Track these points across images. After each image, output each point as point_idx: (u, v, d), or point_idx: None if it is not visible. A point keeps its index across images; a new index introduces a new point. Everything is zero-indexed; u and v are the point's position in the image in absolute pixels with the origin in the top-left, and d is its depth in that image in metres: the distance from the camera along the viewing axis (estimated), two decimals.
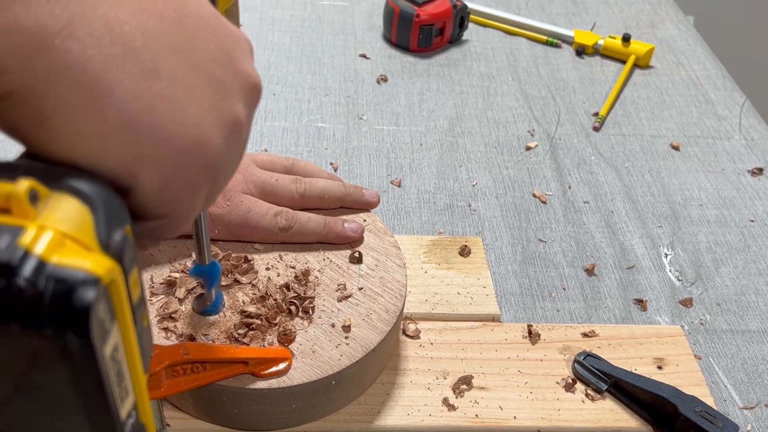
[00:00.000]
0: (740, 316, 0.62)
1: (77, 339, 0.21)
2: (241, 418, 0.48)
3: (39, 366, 0.22)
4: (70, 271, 0.21)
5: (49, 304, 0.21)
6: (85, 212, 0.24)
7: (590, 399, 0.52)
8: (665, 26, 1.04)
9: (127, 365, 0.25)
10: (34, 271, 0.21)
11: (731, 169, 0.78)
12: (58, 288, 0.21)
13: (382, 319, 0.50)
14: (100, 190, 0.25)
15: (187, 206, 0.29)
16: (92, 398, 0.23)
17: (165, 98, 0.27)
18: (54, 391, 0.23)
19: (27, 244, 0.21)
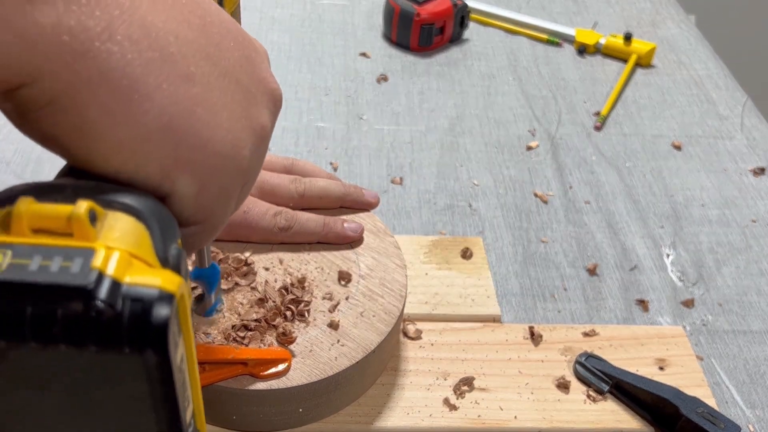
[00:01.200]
0: (742, 316, 0.61)
1: (156, 355, 0.22)
2: (241, 419, 0.48)
3: (113, 383, 0.23)
4: (145, 290, 0.22)
5: (128, 323, 0.21)
6: (141, 229, 0.24)
7: (591, 400, 0.52)
8: (666, 25, 1.03)
9: (189, 374, 0.25)
10: (110, 292, 0.21)
11: (733, 168, 0.78)
12: (135, 307, 0.21)
13: (382, 319, 0.50)
14: (151, 205, 0.25)
15: (222, 211, 0.30)
16: (163, 410, 0.24)
17: (201, 103, 0.27)
18: (126, 406, 0.23)
19: (99, 266, 0.21)
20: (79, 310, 0.21)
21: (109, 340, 0.21)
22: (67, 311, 0.21)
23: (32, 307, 0.21)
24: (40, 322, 0.21)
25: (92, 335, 0.21)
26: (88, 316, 0.21)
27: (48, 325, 0.21)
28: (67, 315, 0.21)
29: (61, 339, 0.21)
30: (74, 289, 0.21)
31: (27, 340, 0.21)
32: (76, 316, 0.21)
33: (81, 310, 0.21)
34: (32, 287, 0.21)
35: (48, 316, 0.21)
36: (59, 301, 0.21)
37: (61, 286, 0.21)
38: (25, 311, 0.21)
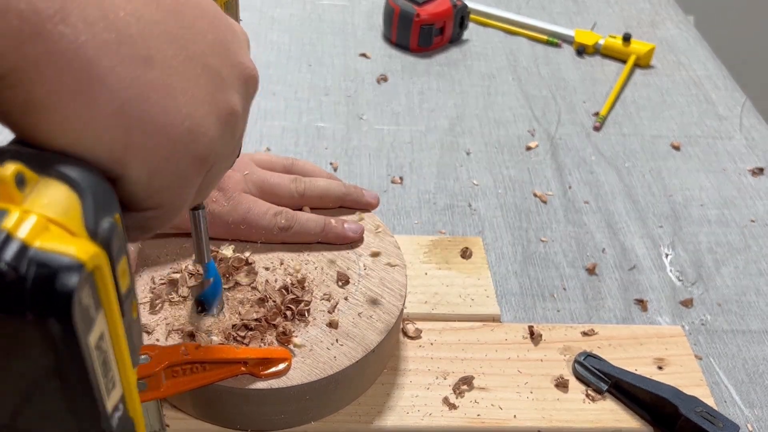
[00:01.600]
0: (741, 316, 0.62)
1: (59, 325, 0.21)
2: (241, 418, 0.48)
3: (21, 354, 0.22)
4: (54, 256, 0.21)
5: (31, 288, 0.21)
6: (73, 198, 0.24)
7: (590, 399, 0.52)
8: (666, 26, 1.03)
9: (114, 356, 0.24)
10: (16, 255, 0.21)
11: (732, 169, 0.78)
12: (40, 272, 0.21)
13: (382, 319, 0.50)
14: (90, 176, 0.25)
15: (178, 197, 0.29)
16: (76, 388, 0.23)
17: (158, 87, 0.26)
18: (37, 380, 0.23)
19: (9, 227, 0.21)
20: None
21: (10, 304, 0.21)
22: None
23: None
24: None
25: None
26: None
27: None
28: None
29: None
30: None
31: None
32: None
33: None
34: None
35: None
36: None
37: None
38: None
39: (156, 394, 0.43)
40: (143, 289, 0.51)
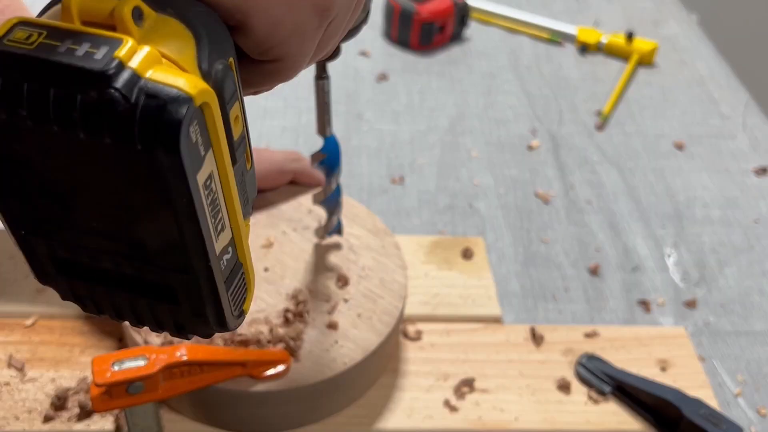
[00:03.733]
0: (744, 317, 0.61)
1: (167, 157, 0.21)
2: (239, 420, 0.47)
3: (132, 184, 0.22)
4: (163, 87, 0.21)
5: (140, 118, 0.21)
6: (188, 37, 0.24)
7: (593, 401, 0.52)
8: (668, 24, 1.03)
9: (224, 199, 0.25)
10: (127, 83, 0.21)
11: (735, 168, 0.77)
12: (149, 103, 0.21)
13: (382, 320, 0.49)
14: (207, 18, 0.25)
15: (299, 50, 0.29)
16: (184, 222, 0.23)
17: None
18: (148, 213, 0.23)
19: (122, 56, 0.21)
20: (95, 97, 0.21)
21: (121, 132, 0.21)
22: (84, 96, 0.21)
23: (54, 88, 0.21)
24: (61, 104, 0.21)
25: (107, 125, 0.21)
26: (103, 104, 0.21)
27: (68, 108, 0.21)
28: (85, 100, 0.21)
29: (80, 125, 0.21)
30: (92, 73, 0.21)
31: (50, 122, 0.21)
32: (93, 103, 0.21)
33: (96, 96, 0.21)
34: (55, 66, 0.21)
35: (68, 98, 0.21)
36: (78, 86, 0.21)
37: (80, 69, 0.21)
38: (49, 92, 0.21)
39: (154, 396, 0.43)
40: None
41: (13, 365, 0.50)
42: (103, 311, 0.28)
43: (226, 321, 0.27)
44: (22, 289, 0.55)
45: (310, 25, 0.29)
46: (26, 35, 0.21)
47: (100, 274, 0.26)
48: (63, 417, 0.48)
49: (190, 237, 0.24)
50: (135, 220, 0.24)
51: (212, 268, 0.25)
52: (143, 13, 0.23)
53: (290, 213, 0.57)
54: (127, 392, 0.42)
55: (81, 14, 0.22)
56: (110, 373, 0.41)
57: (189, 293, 0.26)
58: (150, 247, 0.25)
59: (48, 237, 0.26)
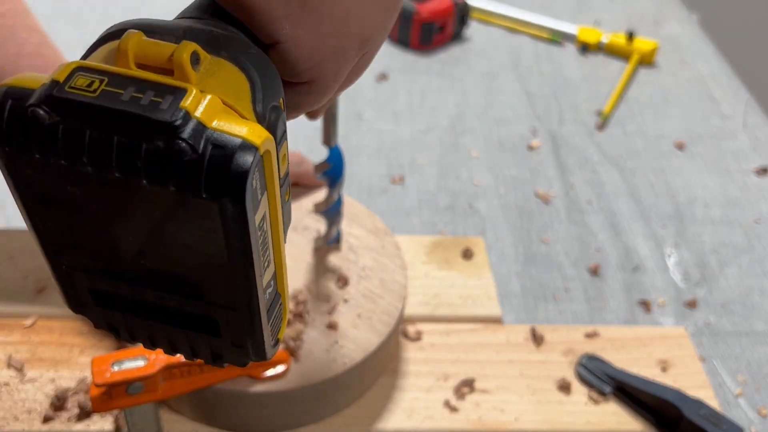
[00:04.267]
0: (745, 317, 0.61)
1: (232, 205, 0.22)
2: (239, 421, 0.47)
3: (193, 227, 0.23)
4: (229, 138, 0.21)
5: (207, 168, 0.21)
6: (243, 81, 0.24)
7: (593, 402, 0.52)
8: (669, 24, 1.03)
9: (272, 236, 0.25)
10: (194, 133, 0.21)
11: (736, 168, 0.77)
12: (216, 153, 0.21)
13: (382, 320, 0.49)
14: (259, 59, 0.25)
15: (333, 74, 0.29)
16: (239, 263, 0.24)
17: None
18: (201, 254, 0.24)
19: (188, 106, 0.21)
20: (162, 146, 0.21)
21: (187, 181, 0.21)
22: (150, 145, 0.21)
23: (119, 136, 0.21)
24: (124, 152, 0.21)
25: (172, 174, 0.21)
26: (169, 154, 0.21)
27: (132, 157, 0.21)
28: (150, 149, 0.21)
29: (143, 174, 0.21)
30: (159, 123, 0.21)
31: (112, 170, 0.21)
32: (159, 152, 0.21)
33: (163, 146, 0.21)
34: (120, 115, 0.21)
35: (132, 147, 0.21)
36: (144, 135, 0.21)
37: (147, 119, 0.21)
38: (112, 140, 0.21)
39: (153, 396, 0.43)
40: None
41: (13, 365, 0.50)
42: (137, 339, 0.28)
43: (265, 350, 0.27)
44: (21, 289, 0.55)
45: (349, 51, 0.29)
46: (88, 82, 0.21)
47: (140, 305, 0.27)
48: (62, 417, 0.48)
49: (242, 276, 0.24)
50: (186, 260, 0.24)
51: (258, 303, 0.25)
52: (200, 57, 0.23)
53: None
54: (127, 392, 0.42)
55: (137, 58, 0.22)
56: (110, 373, 0.41)
57: (232, 326, 0.26)
58: (198, 284, 0.25)
59: (90, 271, 0.26)
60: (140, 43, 0.22)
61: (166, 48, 0.22)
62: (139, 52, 0.22)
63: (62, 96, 0.21)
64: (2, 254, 0.58)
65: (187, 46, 0.22)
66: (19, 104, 0.21)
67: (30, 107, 0.21)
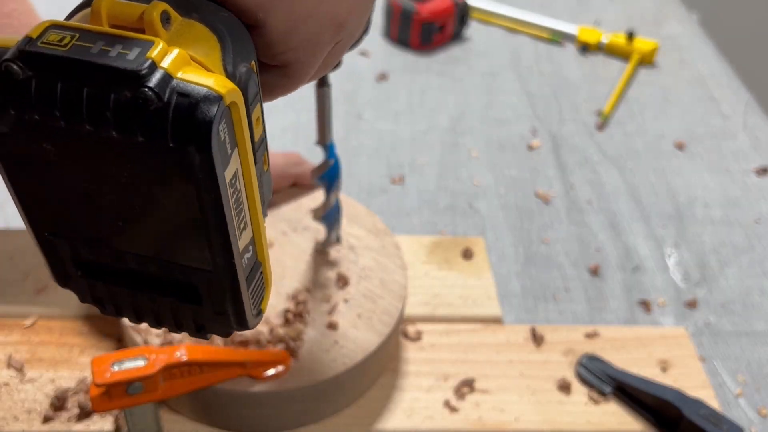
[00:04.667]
0: (745, 317, 0.61)
1: (198, 154, 0.22)
2: (239, 421, 0.47)
3: (162, 182, 0.23)
4: (194, 87, 0.22)
5: (173, 116, 0.21)
6: (213, 41, 0.24)
7: (593, 402, 0.52)
8: (669, 24, 1.03)
9: (246, 197, 0.25)
10: (160, 83, 0.21)
11: (736, 168, 0.77)
12: (181, 101, 0.21)
13: (382, 320, 0.49)
14: (230, 22, 0.25)
15: (308, 59, 0.30)
16: (211, 220, 0.24)
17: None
18: (176, 210, 0.24)
19: (154, 57, 0.22)
20: (129, 96, 0.21)
21: (154, 130, 0.22)
22: (118, 96, 0.21)
23: (88, 88, 0.22)
24: (94, 103, 0.22)
25: (140, 124, 0.22)
26: (136, 103, 0.21)
27: (101, 107, 0.22)
28: (118, 99, 0.21)
29: (113, 124, 0.22)
30: (126, 72, 0.21)
31: (82, 122, 0.22)
32: (126, 102, 0.21)
33: (130, 95, 0.21)
34: (89, 66, 0.21)
35: (101, 98, 0.22)
36: (112, 85, 0.21)
37: (114, 69, 0.21)
38: (82, 92, 0.22)
39: (153, 396, 0.43)
40: None
41: (13, 366, 0.50)
42: (122, 313, 0.29)
43: (246, 319, 0.27)
44: (21, 289, 0.55)
45: (324, 35, 0.29)
46: (59, 37, 0.22)
47: (123, 275, 0.27)
48: (62, 417, 0.48)
49: (216, 234, 0.24)
50: (162, 218, 0.24)
51: (235, 266, 0.25)
52: (170, 17, 0.24)
53: (290, 213, 0.57)
54: (127, 392, 0.42)
55: (110, 18, 0.23)
56: (110, 373, 0.41)
57: (212, 292, 0.26)
58: (175, 246, 0.25)
59: (72, 238, 0.26)
60: (112, 3, 0.23)
61: (138, 8, 0.23)
62: (110, 12, 0.23)
63: (34, 50, 0.22)
64: (2, 254, 0.58)
65: (157, 5, 0.23)
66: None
67: (4, 62, 0.22)
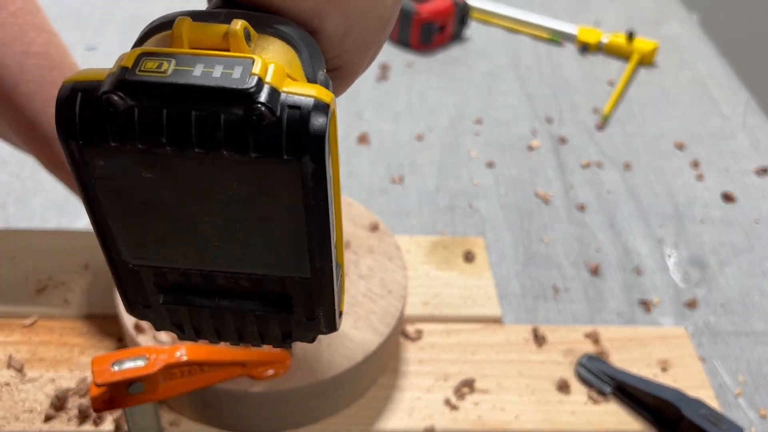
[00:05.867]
0: (745, 317, 0.61)
1: (313, 162, 0.22)
2: (239, 421, 0.47)
3: (267, 195, 0.23)
4: (301, 99, 0.22)
5: (287, 129, 0.22)
6: (291, 53, 0.25)
7: (593, 402, 0.52)
8: (669, 24, 1.03)
9: (334, 201, 0.25)
10: (270, 97, 0.21)
11: (736, 168, 0.77)
12: (293, 114, 0.22)
13: (382, 320, 0.49)
14: (301, 33, 0.26)
15: (359, 60, 0.30)
16: (316, 227, 0.24)
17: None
18: (279, 221, 0.24)
19: (259, 73, 0.22)
20: (241, 114, 0.21)
21: (268, 145, 0.22)
22: (229, 115, 0.21)
23: (196, 111, 0.21)
24: (203, 126, 0.21)
25: (253, 140, 0.22)
26: (249, 121, 0.21)
27: (211, 129, 0.21)
28: (230, 119, 0.21)
29: (224, 144, 0.22)
30: (236, 92, 0.21)
31: (191, 145, 0.22)
32: (238, 120, 0.21)
33: (242, 113, 0.21)
34: (196, 90, 0.21)
35: (211, 120, 0.21)
36: (222, 105, 0.21)
37: (223, 89, 0.21)
38: (190, 116, 0.21)
39: (154, 396, 0.43)
40: None
41: (13, 366, 0.50)
42: (203, 335, 0.28)
43: (335, 321, 0.28)
44: (21, 289, 0.55)
45: (373, 36, 0.30)
46: (156, 64, 0.22)
47: (208, 294, 0.27)
48: (63, 417, 0.48)
49: (320, 240, 0.24)
50: (262, 232, 0.24)
51: (332, 270, 0.26)
52: (251, 33, 0.24)
53: None
54: (127, 392, 0.42)
55: (191, 41, 0.23)
56: (110, 373, 0.41)
57: (306, 298, 0.26)
58: (273, 258, 0.25)
59: (160, 265, 0.26)
60: (193, 26, 0.23)
61: (219, 28, 0.23)
62: (192, 36, 0.23)
63: (135, 79, 0.21)
64: (2, 254, 0.58)
65: (238, 23, 0.23)
66: (90, 95, 0.22)
67: (104, 95, 0.21)
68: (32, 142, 0.49)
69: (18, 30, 0.46)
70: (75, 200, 0.64)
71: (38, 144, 0.48)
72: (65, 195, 0.67)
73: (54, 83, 0.47)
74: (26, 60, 0.46)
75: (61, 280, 0.56)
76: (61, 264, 0.57)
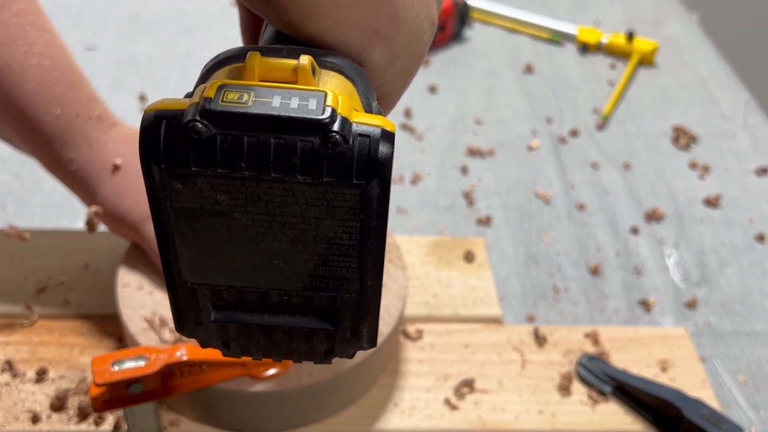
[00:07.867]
0: (745, 317, 0.61)
1: (379, 186, 0.24)
2: (239, 420, 0.47)
3: (332, 217, 0.25)
4: (369, 128, 0.24)
5: (357, 156, 0.24)
6: (349, 86, 0.27)
7: (593, 402, 0.52)
8: (669, 24, 1.03)
9: None
10: (342, 127, 0.23)
11: (736, 168, 0.77)
12: (363, 142, 0.24)
13: (382, 320, 0.49)
14: (354, 66, 0.28)
15: (399, 89, 0.32)
16: (373, 247, 0.26)
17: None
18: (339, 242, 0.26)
19: (332, 104, 0.24)
20: (317, 142, 0.23)
21: (340, 170, 0.24)
22: (305, 143, 0.23)
23: (276, 138, 0.23)
24: (281, 152, 0.23)
25: (326, 166, 0.24)
26: (324, 148, 0.23)
27: (288, 155, 0.23)
28: (306, 146, 0.23)
29: (299, 170, 0.24)
30: (313, 122, 0.23)
31: (268, 170, 0.24)
32: (314, 147, 0.23)
33: (319, 141, 0.23)
34: (276, 120, 0.23)
35: (289, 147, 0.23)
36: (299, 134, 0.23)
37: (302, 120, 0.23)
38: (269, 143, 0.23)
39: (154, 396, 0.43)
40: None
41: (13, 366, 0.50)
42: (249, 351, 0.30)
43: (376, 337, 0.29)
44: (22, 289, 0.55)
45: (413, 66, 0.32)
46: (237, 95, 0.24)
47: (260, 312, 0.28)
48: (63, 417, 0.48)
49: (374, 259, 0.26)
50: (323, 251, 0.26)
51: (381, 288, 0.28)
52: (315, 68, 0.26)
53: None
54: (127, 392, 0.42)
55: (261, 75, 0.25)
56: (110, 373, 0.41)
57: (353, 314, 0.28)
58: (330, 275, 0.27)
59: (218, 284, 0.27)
60: (263, 61, 0.25)
61: (288, 63, 0.25)
62: (262, 69, 0.25)
63: (218, 109, 0.23)
64: (2, 254, 0.58)
65: (305, 58, 0.25)
66: (173, 122, 0.23)
67: (189, 123, 0.23)
68: (32, 143, 0.49)
69: (20, 30, 0.46)
70: (75, 200, 0.64)
71: (38, 144, 0.48)
72: (65, 195, 0.67)
73: (55, 83, 0.47)
74: (28, 60, 0.46)
75: (61, 280, 0.56)
76: (61, 264, 0.57)
